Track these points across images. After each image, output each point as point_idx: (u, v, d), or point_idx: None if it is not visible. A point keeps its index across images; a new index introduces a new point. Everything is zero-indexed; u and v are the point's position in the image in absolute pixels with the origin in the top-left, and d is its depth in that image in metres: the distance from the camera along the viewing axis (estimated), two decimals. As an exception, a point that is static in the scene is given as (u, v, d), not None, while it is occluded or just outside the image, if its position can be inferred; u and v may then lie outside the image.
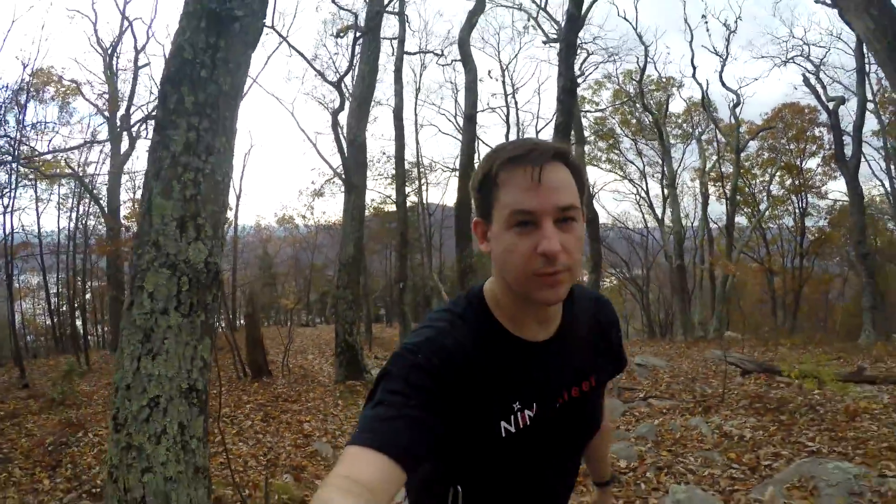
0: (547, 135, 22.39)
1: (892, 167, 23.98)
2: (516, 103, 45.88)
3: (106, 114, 20.36)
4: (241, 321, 18.94)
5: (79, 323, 20.23)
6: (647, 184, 30.28)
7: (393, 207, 24.09)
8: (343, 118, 13.41)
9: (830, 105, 20.28)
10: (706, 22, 33.08)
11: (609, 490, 1.67)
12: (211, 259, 2.75)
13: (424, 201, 29.97)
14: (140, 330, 2.52)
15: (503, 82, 36.28)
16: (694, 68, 24.48)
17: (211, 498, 2.84)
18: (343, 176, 12.52)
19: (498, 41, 33.17)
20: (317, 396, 9.68)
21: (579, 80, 25.35)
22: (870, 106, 24.30)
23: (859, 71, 19.27)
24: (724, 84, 25.38)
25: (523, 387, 1.13)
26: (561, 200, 1.01)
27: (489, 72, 24.67)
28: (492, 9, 23.87)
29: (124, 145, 20.41)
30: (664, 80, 27.74)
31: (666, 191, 26.59)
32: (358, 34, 13.00)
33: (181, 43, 2.97)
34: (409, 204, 31.47)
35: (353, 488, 0.81)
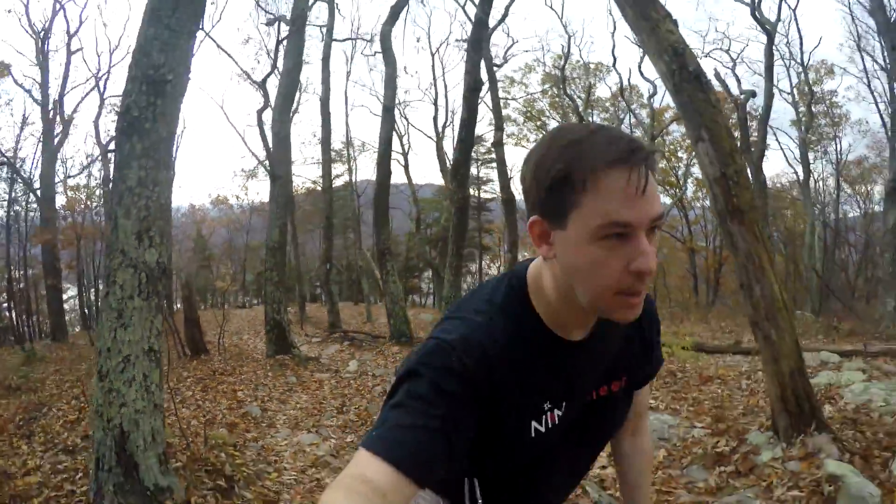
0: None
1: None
2: (446, 86, 46.76)
3: (38, 98, 20.37)
4: (178, 305, 19.64)
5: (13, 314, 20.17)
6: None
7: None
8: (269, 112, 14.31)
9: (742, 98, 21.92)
10: (628, 14, 34.42)
11: None
12: (160, 259, 3.93)
13: (354, 182, 30.82)
14: (115, 311, 3.69)
15: (432, 66, 37.36)
16: (614, 58, 26.14)
17: (164, 427, 4.04)
18: (268, 167, 13.46)
19: (429, 25, 34.29)
20: (249, 370, 10.79)
21: (504, 65, 26.84)
22: (788, 98, 26.55)
23: (767, 68, 20.89)
24: (642, 75, 27.49)
25: (555, 386, 1.10)
26: (657, 209, 0.92)
27: (404, 68, 25.47)
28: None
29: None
30: (591, 66, 29.37)
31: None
32: (282, 37, 13.75)
33: (129, 103, 4.09)
34: (341, 183, 32.31)
35: (364, 490, 0.81)
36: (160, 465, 3.80)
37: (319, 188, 29.60)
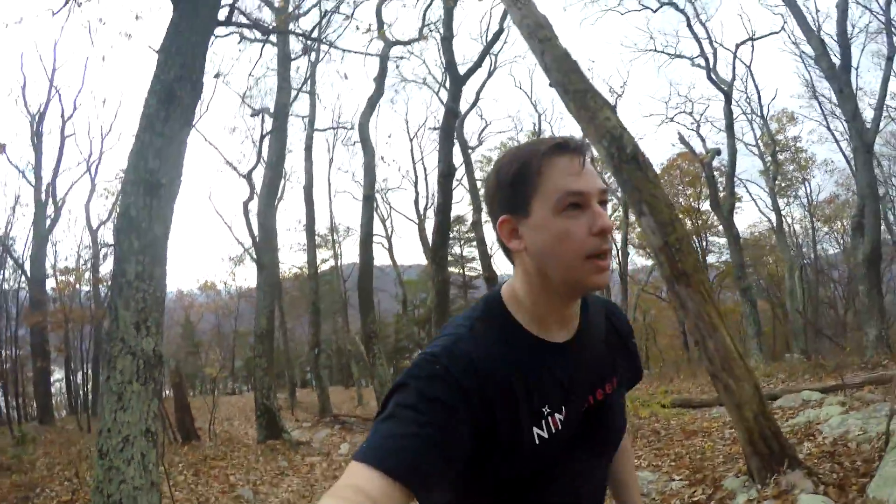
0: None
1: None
2: (425, 169, 48.00)
3: (31, 180, 20.68)
4: (168, 391, 19.60)
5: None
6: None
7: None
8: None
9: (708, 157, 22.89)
10: (593, 89, 36.02)
11: None
12: (157, 348, 4.31)
13: (340, 266, 31.21)
14: (115, 394, 4.04)
15: (411, 150, 38.45)
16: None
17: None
18: (254, 256, 13.92)
19: (406, 112, 35.74)
20: (241, 455, 10.93)
21: (479, 147, 27.87)
22: (754, 149, 27.70)
23: (728, 126, 21.85)
24: (609, 146, 28.31)
25: (550, 390, 1.11)
26: (601, 184, 1.06)
27: (381, 157, 25.94)
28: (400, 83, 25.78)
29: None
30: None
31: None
32: (266, 131, 14.37)
33: (127, 204, 4.54)
34: (327, 267, 32.67)
35: (357, 498, 0.83)
36: (157, 540, 4.08)
37: (306, 273, 29.89)
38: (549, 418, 1.10)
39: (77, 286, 22.67)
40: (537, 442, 1.08)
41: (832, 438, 5.57)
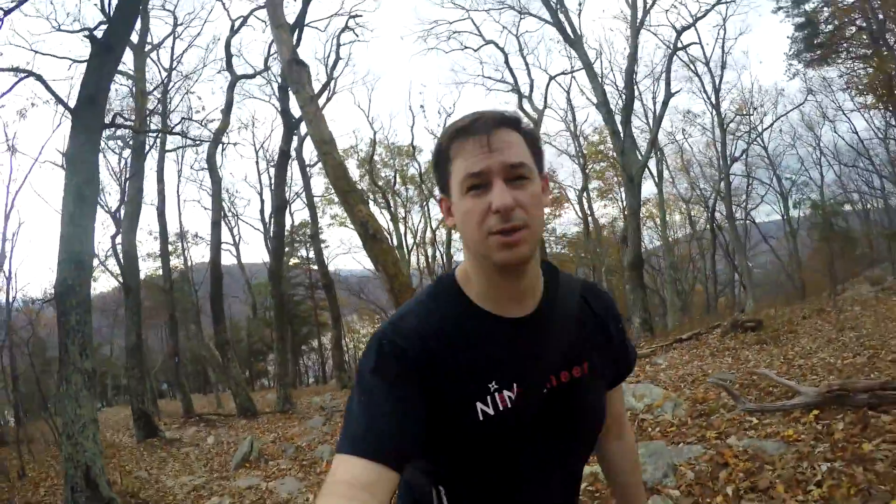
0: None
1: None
2: (270, 179, 49.09)
3: None
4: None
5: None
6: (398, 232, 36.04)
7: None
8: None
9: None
10: (424, 110, 39.73)
11: None
12: (95, 367, 6.70)
13: (191, 275, 32.06)
14: (73, 397, 6.41)
15: (256, 162, 39.38)
16: (413, 147, 30.07)
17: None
18: (122, 281, 15.69)
19: (252, 125, 36.75)
20: (126, 453, 13.01)
21: (318, 163, 30.06)
22: (576, 160, 32.56)
23: (573, 135, 26.00)
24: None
25: (499, 365, 1.10)
26: (509, 158, 1.03)
27: (226, 190, 26.74)
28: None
29: None
30: (402, 147, 33.22)
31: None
32: (127, 176, 15.54)
33: (64, 276, 6.84)
34: (177, 275, 33.31)
35: (350, 492, 0.88)
36: (108, 486, 6.52)
37: (158, 283, 30.45)
38: (496, 394, 1.09)
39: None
40: (481, 418, 1.08)
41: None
